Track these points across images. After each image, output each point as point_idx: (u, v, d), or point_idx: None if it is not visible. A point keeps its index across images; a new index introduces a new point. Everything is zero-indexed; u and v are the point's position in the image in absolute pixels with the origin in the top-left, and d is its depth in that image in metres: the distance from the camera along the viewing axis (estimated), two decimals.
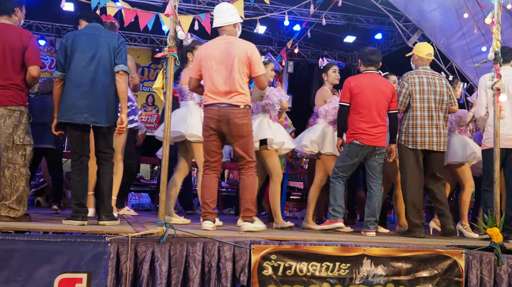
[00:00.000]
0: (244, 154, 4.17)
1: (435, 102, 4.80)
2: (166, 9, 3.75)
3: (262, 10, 11.22)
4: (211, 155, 4.20)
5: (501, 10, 4.44)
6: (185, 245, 3.40)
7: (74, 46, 3.93)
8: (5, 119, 3.76)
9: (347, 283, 3.62)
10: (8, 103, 3.77)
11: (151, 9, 6.61)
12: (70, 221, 3.76)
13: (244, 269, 3.46)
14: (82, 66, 3.90)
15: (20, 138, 3.79)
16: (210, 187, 4.19)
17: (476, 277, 3.86)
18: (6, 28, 3.86)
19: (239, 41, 4.25)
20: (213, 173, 4.22)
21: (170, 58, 3.66)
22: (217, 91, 4.12)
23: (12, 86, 3.80)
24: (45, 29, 12.95)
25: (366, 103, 4.70)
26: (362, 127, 4.67)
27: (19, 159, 3.78)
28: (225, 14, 4.26)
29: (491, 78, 4.40)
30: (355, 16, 12.37)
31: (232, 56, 4.12)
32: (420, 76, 4.83)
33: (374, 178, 4.73)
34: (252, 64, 4.17)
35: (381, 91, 4.76)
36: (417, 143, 4.74)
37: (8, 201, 3.72)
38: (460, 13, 7.57)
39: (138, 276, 3.30)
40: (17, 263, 3.09)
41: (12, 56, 3.79)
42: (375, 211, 4.66)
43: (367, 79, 4.82)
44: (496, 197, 4.24)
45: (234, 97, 4.10)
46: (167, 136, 3.61)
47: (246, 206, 4.13)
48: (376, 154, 4.70)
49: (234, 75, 4.10)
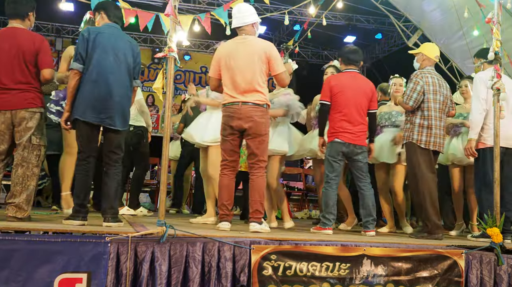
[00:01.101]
0: (258, 153, 4.19)
1: (442, 104, 4.79)
2: (166, 9, 3.75)
3: (262, 10, 11.23)
4: (229, 154, 4.23)
5: (501, 10, 4.44)
6: (185, 245, 3.40)
7: (96, 43, 3.90)
8: (27, 121, 3.83)
9: (347, 283, 3.62)
10: (29, 105, 3.85)
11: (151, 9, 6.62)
12: (70, 221, 3.75)
13: (244, 269, 3.46)
14: (105, 66, 3.89)
15: (37, 139, 3.87)
16: (228, 188, 4.22)
17: (476, 277, 3.86)
18: (19, 33, 3.92)
19: (258, 40, 4.31)
20: (231, 173, 4.24)
21: (170, 58, 3.66)
22: (237, 90, 4.15)
23: (31, 89, 3.88)
24: (45, 29, 12.96)
25: (347, 102, 4.68)
26: (343, 126, 4.66)
27: (33, 159, 3.85)
28: (243, 14, 4.34)
29: (491, 78, 4.39)
30: (355, 16, 12.38)
31: (251, 55, 4.17)
32: (432, 77, 4.81)
33: (361, 178, 4.71)
34: (272, 62, 4.22)
35: (361, 90, 4.75)
36: (430, 143, 4.68)
37: (18, 198, 3.75)
38: (460, 13, 7.57)
39: (138, 276, 3.30)
40: (17, 263, 3.08)
41: (26, 59, 3.85)
42: (370, 210, 4.65)
43: (347, 78, 4.81)
44: (496, 197, 4.23)
45: (254, 96, 4.14)
46: (167, 136, 3.61)
47: (255, 207, 4.15)
48: (359, 154, 4.68)
49: (253, 74, 4.14)
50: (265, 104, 4.19)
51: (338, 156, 4.67)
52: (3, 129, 3.83)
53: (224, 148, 4.26)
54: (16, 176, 3.79)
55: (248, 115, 4.11)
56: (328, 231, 4.51)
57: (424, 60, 4.93)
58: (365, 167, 4.74)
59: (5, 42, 3.86)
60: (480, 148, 4.70)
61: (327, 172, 4.70)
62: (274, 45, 4.32)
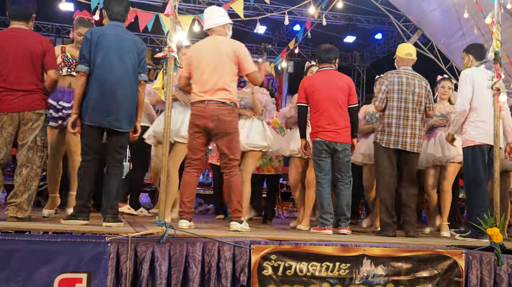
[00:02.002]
0: (228, 152, 4.17)
1: (413, 103, 4.78)
2: (166, 9, 3.75)
3: (262, 10, 11.23)
4: (194, 153, 4.21)
5: (501, 10, 4.44)
6: (185, 245, 3.40)
7: (99, 45, 3.89)
8: (33, 123, 3.84)
9: (347, 283, 3.62)
10: (36, 107, 3.86)
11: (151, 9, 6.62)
12: (71, 220, 3.76)
13: (244, 269, 3.46)
14: (110, 67, 3.88)
15: (42, 140, 3.89)
16: (190, 185, 4.19)
17: (476, 277, 3.86)
18: (26, 34, 3.92)
19: (228, 40, 4.30)
20: (195, 172, 4.22)
21: (170, 58, 3.66)
22: (204, 89, 4.14)
23: (38, 90, 3.89)
24: (45, 29, 12.95)
25: (323, 100, 4.69)
26: (321, 125, 4.67)
27: (37, 160, 3.86)
28: (214, 15, 4.33)
29: (491, 78, 4.39)
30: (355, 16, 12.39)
31: (220, 54, 4.16)
32: (400, 76, 4.83)
33: (340, 178, 4.70)
34: (241, 62, 4.20)
35: (337, 86, 4.74)
36: (390, 142, 4.74)
37: (20, 198, 3.74)
38: (460, 13, 7.57)
39: (138, 276, 3.30)
40: (17, 263, 3.09)
41: (35, 61, 3.86)
42: (343, 210, 4.64)
43: (322, 76, 4.82)
44: (496, 197, 4.23)
45: (220, 94, 4.12)
46: (167, 136, 3.61)
47: (234, 207, 4.16)
48: (339, 152, 4.67)
49: (221, 73, 4.13)
50: (231, 102, 4.16)
51: (322, 155, 4.67)
52: (11, 131, 3.83)
53: (190, 146, 4.23)
54: (20, 177, 3.80)
55: (213, 113, 4.09)
56: (328, 231, 4.50)
57: (398, 61, 5.01)
58: (344, 166, 4.70)
59: (11, 43, 3.84)
60: (469, 146, 4.67)
61: (316, 172, 4.72)
62: (243, 45, 4.29)
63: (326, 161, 4.69)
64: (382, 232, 4.67)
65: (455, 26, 8.65)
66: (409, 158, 4.81)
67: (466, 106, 4.68)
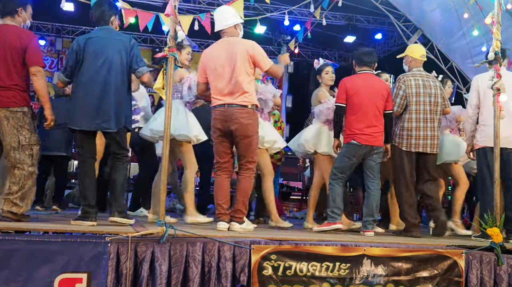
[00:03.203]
0: (246, 154, 4.19)
1: (430, 105, 4.81)
2: (166, 9, 3.75)
3: (262, 10, 11.22)
4: (221, 156, 4.24)
5: (501, 10, 4.44)
6: (185, 245, 3.40)
7: (86, 51, 3.94)
8: (8, 121, 3.77)
9: (347, 283, 3.62)
10: (9, 104, 3.76)
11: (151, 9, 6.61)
12: (79, 221, 3.77)
13: (244, 269, 3.46)
14: (94, 71, 3.91)
15: (26, 138, 3.80)
16: (223, 188, 4.24)
17: (476, 277, 3.86)
18: (7, 29, 3.86)
19: (240, 40, 4.29)
20: (225, 174, 4.26)
21: (170, 58, 3.66)
22: (222, 92, 4.16)
23: (13, 87, 3.78)
24: (45, 29, 12.94)
25: (362, 104, 4.70)
26: (359, 127, 4.66)
27: (27, 159, 3.79)
28: (224, 16, 4.31)
29: (491, 78, 4.39)
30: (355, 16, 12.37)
31: (234, 56, 4.15)
32: (416, 79, 4.84)
33: (371, 177, 4.72)
34: (257, 61, 4.22)
35: (376, 91, 4.75)
36: (411, 146, 4.76)
37: (13, 195, 3.73)
38: (460, 13, 7.57)
39: (138, 276, 3.30)
40: (17, 263, 3.09)
41: (13, 57, 3.78)
42: (373, 211, 4.66)
43: (362, 79, 4.82)
44: (496, 197, 4.23)
45: (239, 97, 4.13)
46: (167, 136, 3.61)
47: (237, 207, 4.19)
48: (374, 154, 4.70)
49: (238, 75, 4.13)
50: (251, 105, 4.17)
51: (354, 158, 4.68)
52: None
53: (216, 151, 4.27)
54: (13, 177, 3.77)
55: (234, 117, 4.11)
56: (338, 225, 4.56)
57: (411, 62, 4.99)
58: (376, 167, 4.74)
59: None
60: (475, 149, 4.76)
61: (337, 171, 4.71)
62: (255, 43, 4.29)
63: (353, 164, 4.72)
64: (408, 233, 4.66)
65: (455, 26, 8.66)
66: (427, 159, 4.83)
67: (469, 113, 4.78)
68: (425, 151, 4.78)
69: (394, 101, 4.84)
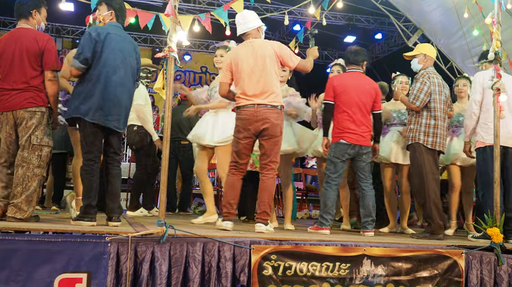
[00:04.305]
0: (271, 153, 4.20)
1: (445, 104, 4.80)
2: (166, 9, 3.75)
3: (262, 10, 11.23)
4: (241, 157, 4.24)
5: (501, 10, 4.44)
6: (185, 245, 3.40)
7: (105, 44, 3.88)
8: (27, 121, 3.79)
9: (347, 283, 3.62)
10: (27, 105, 3.80)
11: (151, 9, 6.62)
12: (79, 221, 3.76)
13: (244, 269, 3.46)
14: (114, 68, 3.90)
15: (38, 139, 3.80)
16: (235, 188, 4.23)
17: (476, 277, 3.86)
18: (23, 33, 3.90)
19: (265, 41, 4.36)
20: (240, 175, 4.26)
21: (170, 58, 3.66)
22: (251, 92, 4.16)
23: (30, 88, 3.83)
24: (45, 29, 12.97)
25: (350, 102, 4.68)
26: (348, 126, 4.65)
27: (34, 159, 3.78)
28: (247, 20, 4.37)
29: (491, 78, 4.39)
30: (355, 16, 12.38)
31: (263, 56, 4.20)
32: (437, 77, 4.82)
33: (364, 178, 4.71)
34: (285, 60, 4.28)
35: (364, 90, 4.74)
36: (436, 144, 4.68)
37: (17, 199, 3.71)
38: (460, 13, 7.57)
39: (138, 276, 3.30)
40: (17, 263, 3.09)
41: (30, 60, 3.82)
42: (370, 211, 4.64)
43: (350, 78, 4.81)
44: (496, 197, 4.23)
45: (270, 97, 4.16)
46: (167, 136, 3.61)
47: (263, 209, 4.16)
48: (363, 154, 4.68)
49: (266, 77, 4.17)
50: (279, 105, 4.21)
51: (343, 157, 4.66)
52: (9, 130, 3.83)
53: (237, 150, 4.24)
54: (16, 177, 3.75)
55: (265, 116, 4.12)
56: (325, 231, 4.50)
57: (427, 61, 4.91)
58: (367, 167, 4.73)
59: (10, 44, 3.85)
60: (480, 147, 4.68)
61: (329, 172, 4.69)
62: (280, 43, 4.34)
63: (344, 164, 4.71)
64: (433, 236, 4.51)
65: (455, 26, 8.65)
66: (438, 158, 4.82)
67: (474, 109, 4.72)
68: (443, 149, 4.76)
69: (417, 96, 4.67)
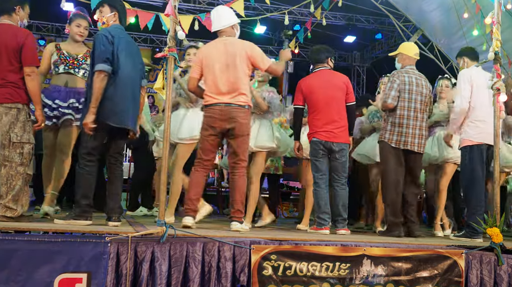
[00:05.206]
0: (239, 152, 4.21)
1: (421, 104, 4.78)
2: (166, 9, 3.76)
3: (262, 10, 11.24)
4: (206, 154, 4.24)
5: (501, 10, 4.44)
6: (185, 245, 3.40)
7: (119, 48, 3.91)
8: (1, 117, 3.73)
9: (347, 283, 3.62)
10: (3, 100, 3.73)
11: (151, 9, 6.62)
12: (77, 221, 3.76)
13: (244, 269, 3.46)
14: (128, 70, 3.94)
15: (17, 136, 3.74)
16: (198, 184, 4.22)
17: (476, 277, 3.86)
18: (3, 28, 3.84)
19: (238, 41, 4.32)
20: (204, 172, 4.26)
21: (170, 58, 3.66)
22: (219, 91, 4.16)
23: (8, 84, 3.75)
24: (45, 29, 12.96)
25: (319, 101, 4.70)
26: (318, 125, 4.68)
27: (16, 157, 3.72)
28: (222, 17, 4.33)
29: (491, 78, 4.39)
30: (355, 16, 12.39)
31: (233, 56, 4.18)
32: (410, 76, 4.81)
33: (337, 179, 4.69)
34: (256, 61, 4.25)
35: (333, 85, 4.75)
36: (400, 142, 4.71)
37: (4, 200, 3.68)
38: (460, 13, 7.57)
39: (138, 276, 3.30)
40: (17, 263, 3.09)
41: (8, 55, 3.76)
42: (340, 210, 4.62)
43: (317, 77, 4.83)
44: (496, 197, 4.23)
45: (237, 97, 4.16)
46: (167, 136, 3.61)
47: (237, 207, 4.17)
48: (336, 152, 4.67)
49: (236, 75, 4.16)
50: (247, 105, 4.21)
51: (319, 155, 4.67)
52: None
53: (203, 147, 4.26)
54: (0, 177, 3.71)
55: (231, 116, 4.13)
56: (325, 231, 4.50)
57: (405, 60, 4.95)
58: (341, 166, 4.69)
59: None
60: (467, 145, 4.68)
61: (313, 172, 4.73)
62: (253, 43, 4.31)
63: (323, 161, 4.69)
64: (389, 233, 4.62)
65: (455, 26, 8.65)
66: (414, 158, 4.79)
67: (465, 105, 4.70)
68: (412, 149, 4.73)
69: (388, 94, 4.75)
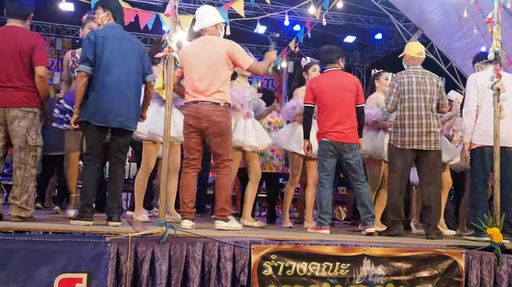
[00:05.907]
0: (221, 152, 4.18)
1: (425, 101, 4.75)
2: (166, 9, 3.76)
3: (262, 10, 11.23)
4: (191, 153, 4.22)
5: (501, 10, 4.44)
6: (185, 245, 3.40)
7: (104, 47, 3.92)
8: (19, 120, 3.79)
9: (347, 283, 3.62)
10: (22, 104, 3.80)
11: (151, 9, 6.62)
12: (76, 221, 3.78)
13: (244, 269, 3.46)
14: (115, 69, 3.93)
15: (33, 139, 3.82)
16: (189, 187, 4.21)
17: (476, 277, 3.86)
18: (18, 31, 3.90)
19: (220, 40, 4.31)
20: (193, 172, 4.24)
21: (170, 58, 3.66)
22: (197, 89, 4.15)
23: (25, 87, 3.83)
24: (45, 29, 12.95)
25: (329, 101, 4.70)
26: (328, 125, 4.67)
27: (30, 160, 3.81)
28: (205, 16, 4.32)
29: (491, 78, 4.39)
30: (355, 16, 12.38)
31: (213, 55, 4.17)
32: (409, 76, 4.81)
33: (356, 178, 4.69)
34: (236, 60, 4.22)
35: (343, 86, 4.75)
36: (405, 143, 4.71)
37: (19, 201, 3.74)
38: (460, 13, 7.57)
39: (138, 276, 3.30)
40: (17, 263, 3.09)
41: (23, 58, 3.82)
42: (367, 207, 4.63)
43: (328, 77, 4.83)
44: (496, 197, 4.23)
45: (213, 95, 4.14)
46: (167, 136, 3.61)
47: (221, 205, 4.16)
48: (347, 153, 4.66)
49: (214, 74, 4.14)
50: (225, 103, 4.18)
51: (327, 155, 4.66)
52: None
53: (186, 147, 4.25)
54: (15, 178, 3.78)
55: (206, 114, 4.10)
56: (325, 231, 4.50)
57: (408, 60, 4.97)
58: (356, 165, 4.68)
59: (3, 42, 3.84)
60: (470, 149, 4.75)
61: (319, 172, 4.73)
62: (235, 42, 4.29)
63: (331, 161, 4.69)
64: (390, 232, 4.63)
65: (455, 26, 8.66)
66: (426, 156, 4.74)
67: (471, 107, 4.73)
68: (421, 148, 4.71)
69: (388, 99, 4.83)
